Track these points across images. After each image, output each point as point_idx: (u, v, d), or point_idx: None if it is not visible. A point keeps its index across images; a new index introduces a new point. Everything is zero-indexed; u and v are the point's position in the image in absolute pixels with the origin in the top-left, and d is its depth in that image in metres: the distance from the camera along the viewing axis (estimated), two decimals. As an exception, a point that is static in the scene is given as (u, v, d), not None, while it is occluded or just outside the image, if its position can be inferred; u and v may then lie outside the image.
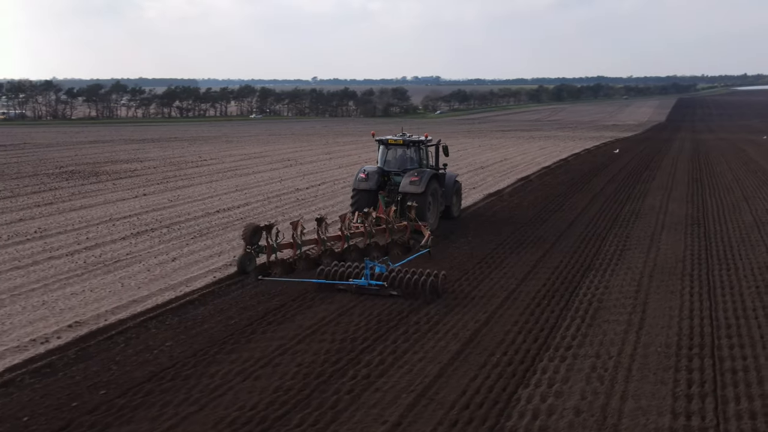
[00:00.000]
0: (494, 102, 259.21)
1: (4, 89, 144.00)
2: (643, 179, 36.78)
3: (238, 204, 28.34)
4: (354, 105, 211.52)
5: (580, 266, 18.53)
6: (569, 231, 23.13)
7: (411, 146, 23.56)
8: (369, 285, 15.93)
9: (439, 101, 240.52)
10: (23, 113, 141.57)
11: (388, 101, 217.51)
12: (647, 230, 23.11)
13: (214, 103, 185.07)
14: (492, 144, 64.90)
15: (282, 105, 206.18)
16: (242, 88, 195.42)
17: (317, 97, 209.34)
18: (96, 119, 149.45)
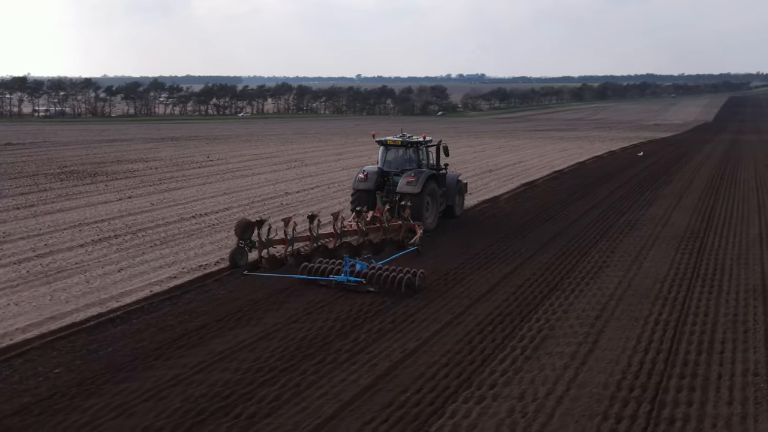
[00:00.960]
0: (536, 101, 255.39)
1: (45, 87, 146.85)
2: (657, 185, 34.77)
3: (219, 209, 27.44)
4: (392, 103, 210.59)
5: (546, 286, 17.03)
6: (551, 244, 21.57)
7: (410, 147, 23.84)
8: (348, 281, 16.43)
9: (479, 99, 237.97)
10: (63, 110, 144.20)
11: (427, 99, 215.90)
12: (636, 244, 21.40)
13: (251, 100, 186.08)
14: (514, 145, 63.02)
15: (319, 103, 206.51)
16: (279, 86, 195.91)
17: (354, 94, 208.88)
18: (134, 117, 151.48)
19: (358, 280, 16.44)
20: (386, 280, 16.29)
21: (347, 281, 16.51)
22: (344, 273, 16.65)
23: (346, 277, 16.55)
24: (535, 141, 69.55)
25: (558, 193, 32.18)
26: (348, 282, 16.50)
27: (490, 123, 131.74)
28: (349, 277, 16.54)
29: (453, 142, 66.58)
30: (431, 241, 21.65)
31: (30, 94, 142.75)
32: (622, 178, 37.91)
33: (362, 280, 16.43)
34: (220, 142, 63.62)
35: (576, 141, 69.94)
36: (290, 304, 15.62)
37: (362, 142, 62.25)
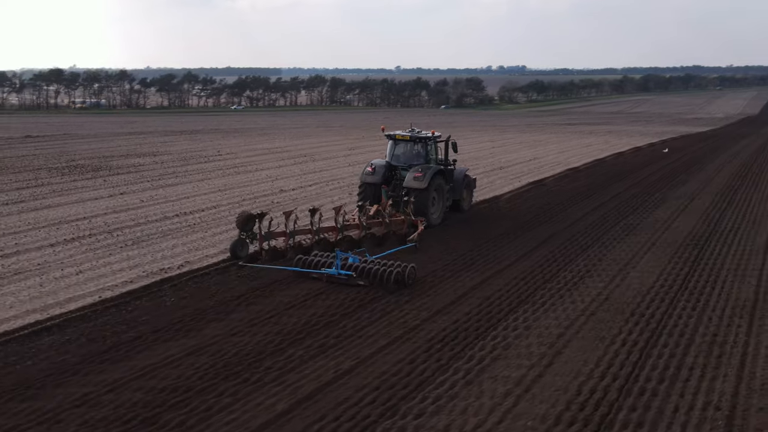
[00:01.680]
0: (575, 93, 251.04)
1: (81, 78, 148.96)
2: (672, 185, 33.11)
3: (206, 207, 26.79)
4: (427, 95, 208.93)
5: (516, 298, 15.89)
6: (538, 249, 20.36)
7: (418, 142, 23.92)
8: (339, 274, 16.69)
9: (516, 92, 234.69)
10: (99, 102, 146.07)
11: (462, 91, 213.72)
12: (629, 251, 20.06)
13: (284, 92, 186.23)
14: (537, 140, 61.30)
15: (353, 95, 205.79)
16: (312, 78, 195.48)
17: (389, 86, 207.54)
18: (167, 108, 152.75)
19: (349, 274, 16.61)
20: (375, 274, 16.43)
21: (338, 274, 16.69)
22: (335, 266, 16.84)
23: (337, 270, 16.73)
24: (561, 136, 67.68)
25: (564, 192, 30.79)
26: (339, 275, 16.68)
27: (522, 116, 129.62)
28: (339, 270, 16.72)
29: (476, 136, 65.37)
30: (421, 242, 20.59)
31: (66, 86, 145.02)
32: (638, 176, 36.26)
33: (352, 274, 16.61)
34: (238, 135, 63.27)
35: (605, 136, 67.89)
36: (237, 314, 14.79)
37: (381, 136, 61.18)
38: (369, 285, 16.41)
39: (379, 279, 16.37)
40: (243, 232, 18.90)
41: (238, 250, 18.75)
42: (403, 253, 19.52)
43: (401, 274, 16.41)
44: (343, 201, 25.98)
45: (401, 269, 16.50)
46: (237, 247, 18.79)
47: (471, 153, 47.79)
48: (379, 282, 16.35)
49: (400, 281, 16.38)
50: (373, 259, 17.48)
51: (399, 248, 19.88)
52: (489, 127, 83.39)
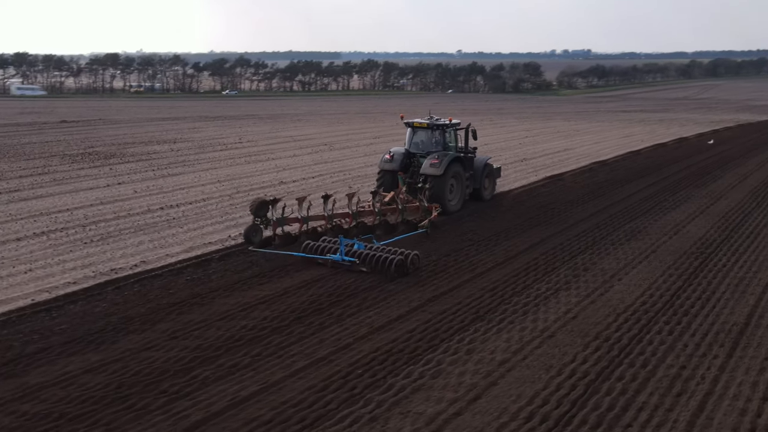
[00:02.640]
0: (638, 78, 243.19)
1: (136, 63, 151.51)
2: (702, 182, 30.62)
3: (197, 199, 25.95)
4: (482, 80, 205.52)
5: (472, 314, 14.36)
6: (521, 256, 18.68)
7: (436, 129, 24.06)
8: (342, 261, 16.93)
9: (576, 77, 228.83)
10: (153, 86, 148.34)
11: (519, 76, 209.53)
12: (621, 260, 18.19)
13: (336, 77, 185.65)
14: (577, 129, 58.64)
15: (406, 80, 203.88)
16: (365, 63, 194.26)
17: (443, 71, 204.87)
18: (219, 93, 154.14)
19: (352, 260, 16.85)
20: (377, 260, 16.60)
21: (342, 260, 16.94)
22: (339, 253, 17.07)
23: (341, 257, 16.98)
24: (607, 124, 64.66)
25: (577, 189, 28.74)
26: (342, 261, 16.94)
27: (577, 103, 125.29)
28: (343, 257, 16.97)
29: (515, 124, 63.07)
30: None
31: (122, 70, 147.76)
32: (668, 171, 33.78)
33: (356, 260, 16.83)
34: (271, 122, 62.62)
35: (654, 125, 64.55)
36: (164, 324, 13.76)
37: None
38: (371, 272, 16.59)
39: (380, 266, 16.49)
40: (257, 217, 19.22)
41: (252, 235, 19.14)
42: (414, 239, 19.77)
43: (403, 262, 16.49)
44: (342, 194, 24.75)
45: (403, 257, 16.61)
46: (251, 233, 19.17)
47: (501, 142, 45.96)
48: (380, 269, 16.47)
49: (402, 268, 16.47)
50: (378, 246, 17.65)
51: (407, 234, 20.07)
52: (535, 115, 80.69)
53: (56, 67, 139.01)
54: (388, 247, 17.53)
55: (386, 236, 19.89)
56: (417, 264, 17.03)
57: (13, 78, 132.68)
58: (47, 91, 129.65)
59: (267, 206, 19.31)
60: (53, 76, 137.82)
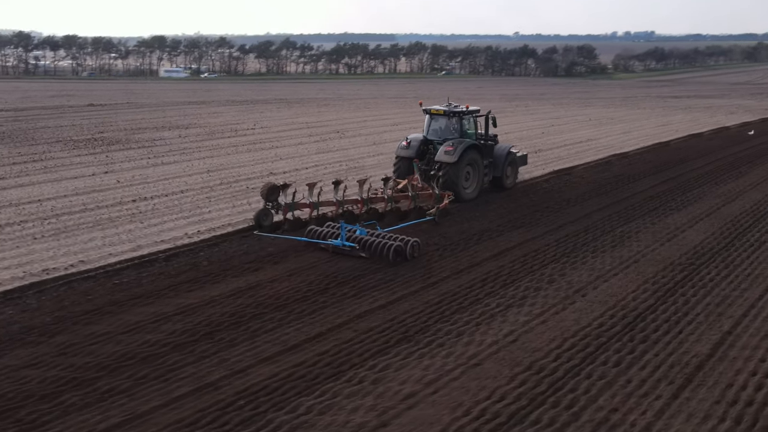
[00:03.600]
0: (700, 61, 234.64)
1: (182, 46, 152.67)
2: (722, 179, 28.20)
3: (173, 191, 25.01)
4: (534, 63, 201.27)
5: (399, 335, 12.92)
6: (485, 264, 17.07)
7: (452, 116, 23.97)
8: (343, 246, 17.20)
9: (633, 60, 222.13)
10: (198, 69, 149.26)
11: (572, 60, 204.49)
12: (595, 272, 16.42)
13: (383, 59, 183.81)
14: (611, 117, 55.86)
15: (455, 62, 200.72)
16: (412, 45, 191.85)
17: (493, 54, 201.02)
18: (264, 75, 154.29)
19: (352, 246, 17.08)
20: (376, 246, 16.81)
21: (342, 245, 17.19)
22: (340, 238, 17.29)
23: (342, 242, 17.22)
24: (648, 112, 61.56)
25: (582, 186, 26.75)
26: (343, 246, 17.19)
27: (629, 87, 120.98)
28: (344, 242, 17.21)
29: (550, 111, 60.51)
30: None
31: (168, 52, 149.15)
32: (690, 166, 31.37)
33: (355, 246, 17.07)
34: (296, 106, 61.61)
35: (699, 112, 61.23)
36: (63, 336, 12.75)
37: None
38: (369, 258, 16.78)
39: (378, 252, 16.70)
40: (268, 202, 19.61)
41: (262, 219, 19.48)
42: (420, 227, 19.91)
43: (402, 248, 16.71)
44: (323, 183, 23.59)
45: (402, 243, 16.83)
46: (261, 217, 19.51)
47: (524, 131, 43.94)
48: (378, 255, 16.67)
49: (401, 254, 16.68)
50: (381, 232, 17.84)
51: (415, 221, 20.17)
52: (576, 101, 77.69)
53: (105, 49, 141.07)
54: (391, 234, 17.66)
55: (392, 223, 20.04)
56: (418, 250, 17.16)
57: (112, 57, 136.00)
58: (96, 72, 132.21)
59: (278, 191, 19.75)
60: (102, 58, 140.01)
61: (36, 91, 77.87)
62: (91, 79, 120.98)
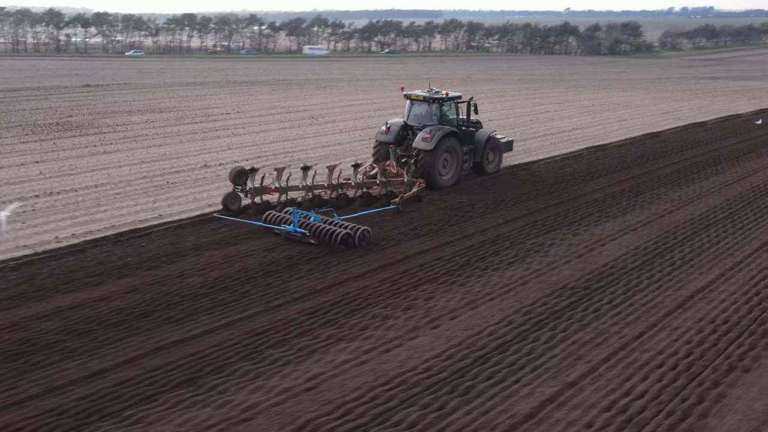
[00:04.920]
0: (754, 39, 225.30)
1: (212, 23, 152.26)
2: (692, 178, 25.65)
3: (88, 186, 23.72)
4: (575, 41, 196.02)
5: (185, 375, 11.28)
6: (352, 283, 15.25)
7: (433, 102, 23.72)
8: (295, 232, 17.29)
9: (680, 37, 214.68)
10: (229, 47, 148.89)
11: (616, 37, 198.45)
12: (465, 298, 14.44)
13: (417, 37, 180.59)
14: (617, 102, 52.78)
15: (492, 40, 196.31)
16: (447, 23, 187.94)
17: (532, 31, 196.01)
18: (294, 53, 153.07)
19: (303, 232, 17.14)
20: (324, 234, 16.89)
21: (294, 232, 17.27)
22: (293, 224, 17.36)
23: (294, 228, 17.28)
24: (667, 95, 58.32)
25: (527, 185, 24.52)
26: (295, 232, 17.26)
27: (668, 66, 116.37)
28: (296, 228, 17.25)
29: (558, 95, 57.59)
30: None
31: (199, 30, 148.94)
32: (663, 162, 28.71)
33: (306, 232, 17.12)
34: (295, 89, 59.98)
35: (724, 96, 57.91)
36: None
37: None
38: (318, 245, 16.92)
39: (327, 239, 16.79)
40: (237, 186, 19.86)
41: (230, 202, 19.76)
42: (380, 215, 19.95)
43: (350, 236, 16.80)
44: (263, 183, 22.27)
45: (351, 231, 16.90)
46: (228, 200, 19.78)
47: (512, 117, 41.60)
48: (326, 242, 16.80)
49: (349, 243, 16.80)
50: (336, 220, 17.85)
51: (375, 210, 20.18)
52: (598, 82, 74.56)
53: (135, 27, 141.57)
54: (345, 222, 17.62)
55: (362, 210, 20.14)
56: (366, 239, 17.17)
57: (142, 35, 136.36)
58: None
59: (246, 175, 19.94)
60: (132, 36, 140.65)
61: (46, 70, 78.06)
62: (137, 57, 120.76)
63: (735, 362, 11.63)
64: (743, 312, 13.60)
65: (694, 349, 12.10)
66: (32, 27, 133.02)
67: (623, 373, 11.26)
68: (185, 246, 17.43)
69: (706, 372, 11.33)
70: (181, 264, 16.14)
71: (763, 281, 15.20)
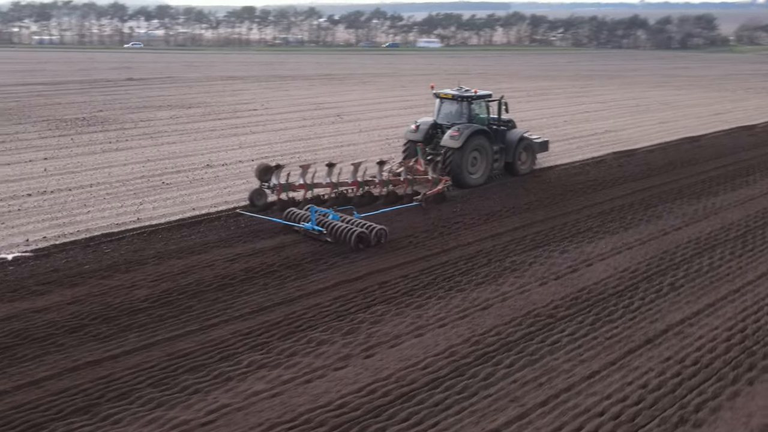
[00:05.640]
0: None
1: (271, 16, 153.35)
2: (716, 191, 23.68)
3: (84, 185, 23.62)
4: (645, 35, 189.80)
5: (71, 406, 10.67)
6: (301, 301, 14.40)
7: (462, 101, 23.64)
8: (312, 230, 17.36)
9: (758, 31, 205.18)
10: (286, 39, 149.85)
11: (689, 30, 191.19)
12: (421, 319, 13.41)
13: (478, 30, 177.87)
14: (667, 101, 50.19)
15: (556, 34, 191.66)
16: (510, 15, 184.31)
17: (599, 24, 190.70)
18: (352, 46, 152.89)
19: (320, 230, 17.22)
20: (340, 232, 16.88)
21: (312, 230, 17.38)
22: (311, 222, 17.45)
23: (312, 226, 17.39)
24: (728, 95, 55.48)
25: (534, 192, 23.15)
26: (312, 230, 17.36)
27: (738, 62, 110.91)
28: (314, 226, 17.36)
29: (606, 93, 55.17)
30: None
31: (258, 23, 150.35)
32: (685, 172, 26.58)
33: (323, 230, 17.19)
34: (332, 84, 59.43)
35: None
36: None
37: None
38: (334, 243, 16.97)
39: (343, 238, 16.77)
40: (264, 182, 20.07)
41: (256, 199, 20.02)
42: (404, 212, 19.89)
43: (365, 235, 16.74)
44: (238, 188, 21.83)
45: (367, 230, 16.83)
46: (255, 196, 20.04)
47: (550, 117, 40.01)
48: (342, 241, 16.79)
49: (364, 241, 16.76)
50: (355, 219, 17.72)
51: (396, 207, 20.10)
52: (657, 79, 71.68)
53: (196, 19, 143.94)
54: (362, 221, 17.51)
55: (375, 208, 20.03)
56: (383, 237, 17.13)
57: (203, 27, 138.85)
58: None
59: (272, 171, 20.10)
60: (193, 28, 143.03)
61: (100, 63, 79.94)
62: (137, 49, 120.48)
63: (688, 414, 10.26)
64: (719, 352, 12.10)
65: (648, 395, 10.76)
66: (98, 20, 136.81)
67: (556, 421, 10.06)
68: (149, 253, 16.92)
69: (652, 425, 10.01)
70: (136, 273, 15.61)
71: (755, 315, 13.59)
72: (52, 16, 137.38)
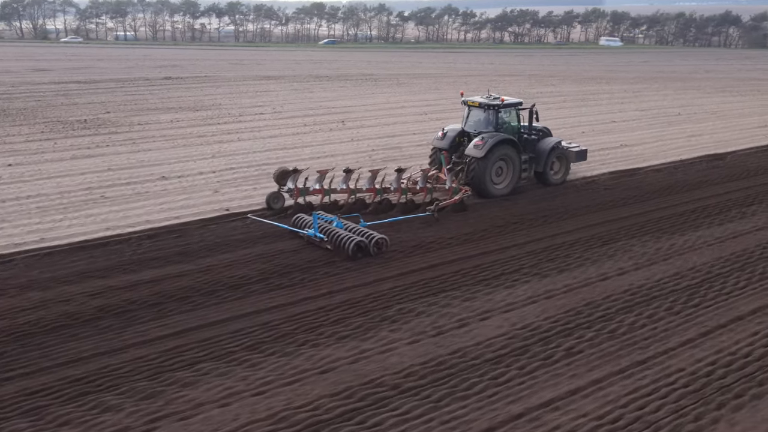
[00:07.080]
0: None
1: (340, 12, 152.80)
2: (699, 224, 20.58)
3: (30, 195, 22.88)
4: (737, 33, 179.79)
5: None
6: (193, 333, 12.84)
7: (489, 109, 23.29)
8: (315, 236, 17.47)
9: None
10: (355, 35, 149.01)
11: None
12: (311, 361, 11.61)
13: (555, 27, 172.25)
14: (713, 110, 45.98)
15: (639, 31, 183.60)
16: (589, 12, 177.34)
17: (686, 21, 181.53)
18: (422, 44, 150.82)
19: (321, 237, 17.31)
20: (339, 240, 16.86)
21: (314, 236, 17.48)
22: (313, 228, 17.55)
23: (314, 233, 17.49)
24: None
25: (495, 219, 20.77)
26: (315, 237, 17.47)
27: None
28: (316, 233, 17.44)
29: (660, 99, 51.30)
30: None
31: (327, 19, 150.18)
32: (689, 196, 23.53)
33: (324, 238, 17.26)
34: (368, 85, 57.70)
35: None
36: None
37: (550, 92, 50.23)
38: (334, 251, 16.96)
39: (341, 246, 16.74)
40: (282, 186, 20.47)
41: (273, 202, 20.38)
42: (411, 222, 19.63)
43: (363, 244, 16.70)
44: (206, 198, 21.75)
45: (366, 238, 16.84)
46: (272, 199, 20.41)
47: (578, 126, 37.30)
48: (341, 249, 16.77)
49: (363, 250, 16.75)
50: (360, 227, 17.69)
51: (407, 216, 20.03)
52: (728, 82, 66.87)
53: (266, 16, 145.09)
54: (365, 229, 17.50)
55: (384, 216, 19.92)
56: (384, 246, 17.08)
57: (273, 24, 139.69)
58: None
59: (288, 175, 20.49)
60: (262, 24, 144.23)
61: (151, 60, 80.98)
62: (75, 43, 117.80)
63: None
64: (567, 452, 9.76)
65: None
66: (171, 16, 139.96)
67: None
68: (19, 281, 15.75)
69: None
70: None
71: (633, 404, 11.01)
72: (127, 12, 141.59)
